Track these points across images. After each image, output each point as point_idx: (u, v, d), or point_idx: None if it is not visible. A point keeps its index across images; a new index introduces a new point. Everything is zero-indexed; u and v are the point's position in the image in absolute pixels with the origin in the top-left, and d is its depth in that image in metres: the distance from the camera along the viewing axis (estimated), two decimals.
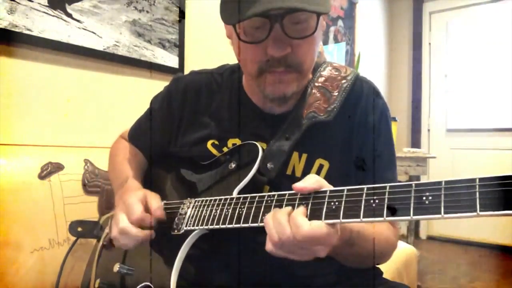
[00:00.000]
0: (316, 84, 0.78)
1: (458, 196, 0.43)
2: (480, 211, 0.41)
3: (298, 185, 0.56)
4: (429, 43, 3.74)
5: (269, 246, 0.54)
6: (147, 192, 0.74)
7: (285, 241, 0.52)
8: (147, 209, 0.70)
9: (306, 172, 0.75)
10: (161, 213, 0.70)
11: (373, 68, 3.54)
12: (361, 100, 0.78)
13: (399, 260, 1.39)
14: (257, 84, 0.72)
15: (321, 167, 0.75)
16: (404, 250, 1.49)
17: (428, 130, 3.73)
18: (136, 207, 0.68)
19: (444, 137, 3.65)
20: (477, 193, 0.42)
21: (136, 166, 0.90)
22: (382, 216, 0.48)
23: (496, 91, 3.37)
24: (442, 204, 0.44)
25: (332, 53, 2.86)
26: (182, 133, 0.84)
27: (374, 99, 0.79)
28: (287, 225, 0.52)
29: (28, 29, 1.15)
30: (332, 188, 0.56)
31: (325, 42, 2.81)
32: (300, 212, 0.53)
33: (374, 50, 3.59)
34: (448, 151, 3.56)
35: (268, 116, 0.79)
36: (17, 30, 1.13)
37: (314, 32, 0.66)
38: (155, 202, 0.71)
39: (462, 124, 3.56)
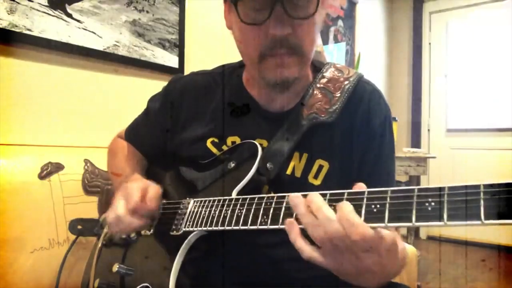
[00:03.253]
0: (318, 85, 0.77)
1: (461, 203, 0.42)
2: (485, 219, 0.39)
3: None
4: (429, 43, 3.74)
5: (310, 252, 0.51)
6: (150, 183, 0.75)
7: (335, 238, 0.48)
8: (144, 195, 0.71)
9: (306, 172, 0.74)
10: (153, 204, 0.71)
11: (373, 68, 3.54)
12: (363, 102, 0.77)
13: None
14: (259, 70, 0.71)
15: (320, 167, 0.74)
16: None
17: (428, 130, 3.73)
18: (135, 194, 0.70)
19: (444, 137, 3.65)
20: (482, 201, 0.40)
21: (137, 164, 0.90)
22: (383, 221, 0.47)
23: (496, 91, 3.36)
24: (445, 211, 0.42)
25: (332, 53, 2.86)
26: (180, 132, 0.84)
27: (377, 102, 0.78)
28: (336, 221, 0.48)
29: (28, 29, 1.15)
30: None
31: (325, 42, 2.81)
32: (351, 210, 0.48)
33: (374, 50, 3.59)
34: (448, 151, 3.56)
35: (269, 114, 0.79)
36: (17, 30, 1.13)
37: (314, 12, 0.66)
38: (152, 192, 0.72)
39: (462, 124, 3.56)
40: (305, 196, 0.53)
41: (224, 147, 0.79)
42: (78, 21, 1.28)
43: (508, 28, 3.28)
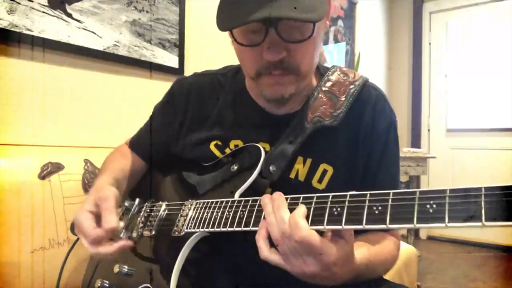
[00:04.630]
0: (323, 88, 0.77)
1: (462, 205, 0.42)
2: (486, 221, 0.40)
3: None
4: (429, 43, 3.74)
5: (267, 252, 0.56)
6: (99, 194, 0.71)
7: (284, 238, 0.53)
8: (99, 218, 0.67)
9: (309, 176, 0.74)
10: (112, 224, 0.66)
11: (373, 68, 3.54)
12: (369, 107, 0.76)
13: (399, 260, 1.38)
14: (256, 85, 0.72)
15: (325, 172, 0.74)
16: (404, 250, 1.48)
17: (428, 130, 3.73)
18: (87, 227, 0.66)
19: (444, 137, 3.65)
20: (483, 203, 0.41)
21: (119, 169, 0.88)
22: (385, 223, 0.47)
23: (496, 91, 3.36)
24: (446, 213, 0.43)
25: (332, 53, 2.87)
26: (185, 134, 0.84)
27: (382, 107, 0.78)
28: (287, 222, 0.53)
29: (28, 29, 1.15)
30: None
31: (325, 42, 2.81)
32: (301, 213, 0.53)
33: (374, 50, 3.59)
34: (448, 151, 3.56)
35: (272, 117, 0.78)
36: (17, 30, 1.13)
37: (310, 36, 0.65)
38: (106, 207, 0.67)
39: (462, 124, 3.57)
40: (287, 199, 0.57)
41: (227, 150, 0.79)
42: (78, 21, 1.28)
43: (508, 28, 3.28)
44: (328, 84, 0.77)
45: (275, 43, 0.64)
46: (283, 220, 0.53)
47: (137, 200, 0.83)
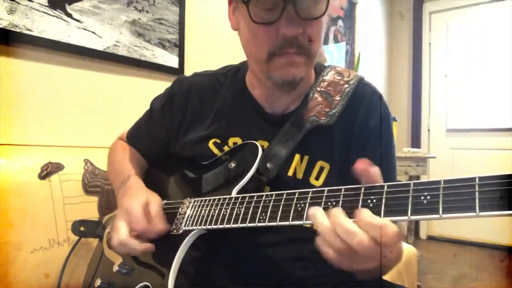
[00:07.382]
0: (318, 88, 0.78)
1: (457, 195, 0.42)
2: (480, 211, 0.40)
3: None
4: (429, 43, 3.74)
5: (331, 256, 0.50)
6: (149, 196, 0.74)
7: (359, 248, 0.47)
8: (148, 216, 0.70)
9: (307, 174, 0.75)
10: (160, 224, 0.70)
11: (373, 68, 3.54)
12: (363, 105, 0.78)
13: None
14: (266, 70, 0.71)
15: (322, 169, 0.75)
16: (404, 250, 1.48)
17: (428, 130, 3.73)
18: (138, 216, 0.69)
19: (444, 137, 3.65)
20: (477, 193, 0.41)
21: (137, 165, 0.90)
22: (379, 216, 0.47)
23: (496, 91, 3.37)
24: (441, 204, 0.43)
25: (332, 53, 2.86)
26: (184, 133, 0.85)
27: (375, 103, 0.79)
28: (360, 232, 0.47)
29: (28, 29, 1.16)
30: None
31: (325, 42, 2.81)
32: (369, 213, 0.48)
33: (374, 50, 3.59)
34: (448, 151, 3.56)
35: (270, 116, 0.79)
36: (17, 30, 1.13)
37: (323, 14, 0.67)
38: (156, 209, 0.71)
39: (462, 124, 3.57)
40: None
41: (226, 148, 0.79)
42: (78, 21, 1.28)
43: (508, 28, 3.28)
44: (323, 84, 0.79)
45: (292, 19, 0.65)
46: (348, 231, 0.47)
47: None
